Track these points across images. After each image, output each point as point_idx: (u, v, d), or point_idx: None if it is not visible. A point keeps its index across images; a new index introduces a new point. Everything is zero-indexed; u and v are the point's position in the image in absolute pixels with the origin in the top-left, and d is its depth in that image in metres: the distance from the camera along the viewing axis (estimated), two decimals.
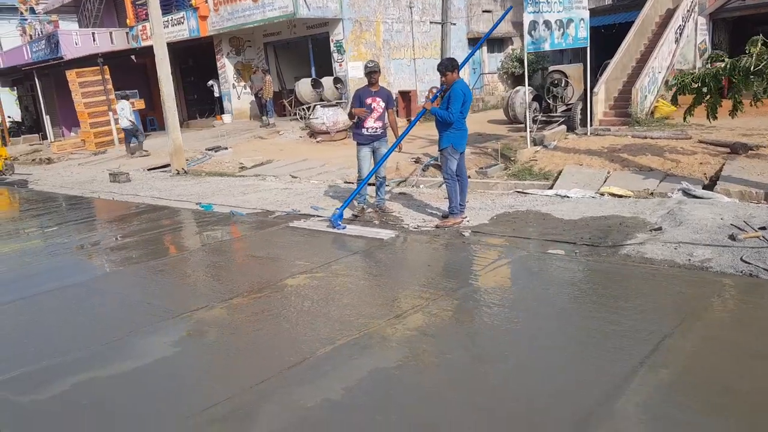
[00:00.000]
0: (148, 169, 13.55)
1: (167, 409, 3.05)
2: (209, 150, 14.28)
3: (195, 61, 21.80)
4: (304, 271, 5.11)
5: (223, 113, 19.39)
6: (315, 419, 2.83)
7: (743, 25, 17.50)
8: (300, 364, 3.37)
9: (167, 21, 18.54)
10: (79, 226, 8.20)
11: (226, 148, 14.30)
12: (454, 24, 13.77)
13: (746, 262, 4.47)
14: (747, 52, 8.07)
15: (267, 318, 4.16)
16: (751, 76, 8.00)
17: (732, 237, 5.03)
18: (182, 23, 18.95)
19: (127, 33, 21.73)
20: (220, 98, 19.89)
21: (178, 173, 12.26)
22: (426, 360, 3.33)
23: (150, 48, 17.26)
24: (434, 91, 6.81)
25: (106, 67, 17.91)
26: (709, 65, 15.36)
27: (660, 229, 5.55)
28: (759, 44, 7.97)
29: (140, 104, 19.10)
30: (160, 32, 12.14)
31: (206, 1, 18.09)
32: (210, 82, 19.82)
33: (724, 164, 8.66)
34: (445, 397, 2.91)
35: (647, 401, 2.66)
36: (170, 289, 5.21)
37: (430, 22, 17.59)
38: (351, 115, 7.10)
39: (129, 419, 2.99)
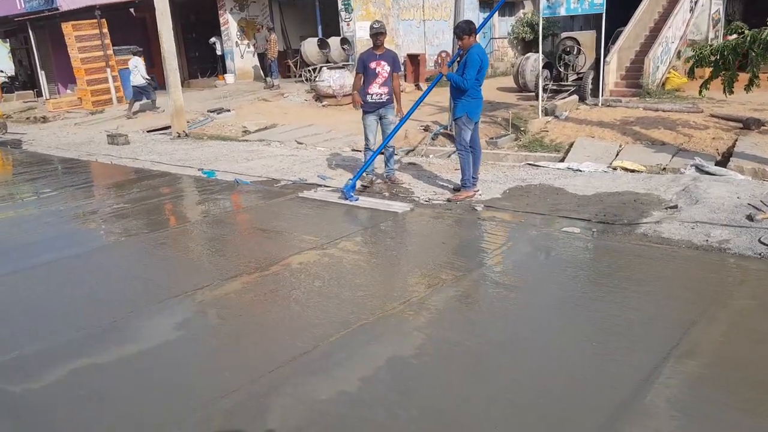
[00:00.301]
0: (148, 131, 13.27)
1: (171, 401, 2.89)
2: (211, 112, 14.01)
3: (197, 16, 21.20)
4: (314, 247, 4.98)
5: (226, 73, 18.99)
6: (331, 415, 2.68)
7: None
8: (312, 351, 3.23)
9: None
10: (76, 192, 7.96)
11: (229, 110, 14.03)
12: None
13: (765, 244, 4.39)
14: (767, 24, 7.83)
15: (276, 299, 4.01)
16: None
17: (750, 217, 4.94)
18: None
19: None
20: (222, 57, 19.44)
21: (179, 136, 12.03)
22: (445, 348, 3.22)
23: (150, 1, 16.82)
24: (443, 55, 6.60)
25: (104, 20, 17.39)
26: (722, 37, 15.04)
27: (676, 207, 5.45)
28: None
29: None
30: None
31: None
32: (212, 40, 19.33)
33: (736, 140, 8.51)
34: (467, 389, 2.82)
35: (678, 396, 2.60)
36: (172, 264, 5.01)
37: None
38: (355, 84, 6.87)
39: (130, 412, 2.81)
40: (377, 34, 6.54)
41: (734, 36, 8.43)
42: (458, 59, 6.41)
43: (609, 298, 3.68)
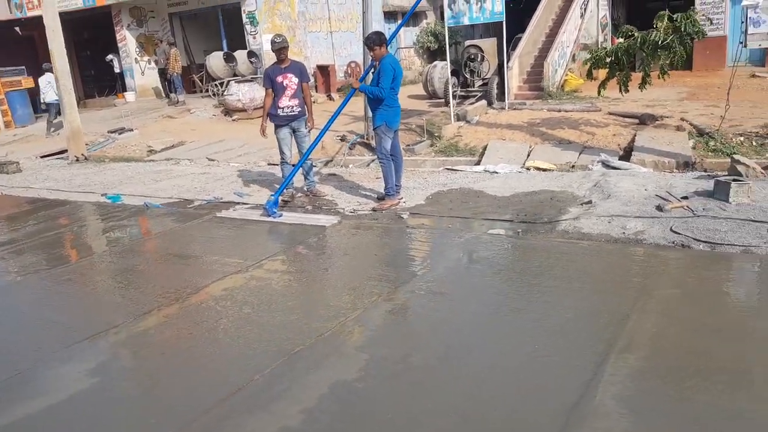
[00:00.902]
0: (41, 157, 12.27)
1: None
2: (112, 132, 13.21)
3: (91, 33, 20.02)
4: (239, 270, 4.70)
5: (126, 91, 18.02)
6: None
7: (638, 1, 18.43)
8: (247, 386, 2.98)
9: None
10: None
11: (132, 130, 13.29)
12: None
13: (676, 232, 4.63)
14: (654, 26, 8.41)
15: (201, 331, 3.69)
16: (659, 50, 8.37)
17: (659, 208, 5.22)
18: None
19: (9, 1, 19.58)
20: (121, 74, 18.44)
21: (78, 160, 11.19)
22: (389, 366, 3.10)
23: (38, 18, 15.58)
24: (353, 66, 6.59)
25: None
26: (610, 41, 16.06)
27: (590, 202, 5.67)
28: (665, 19, 8.33)
29: (28, 82, 17.34)
30: (52, 0, 10.94)
31: None
32: (109, 57, 18.29)
33: (635, 135, 9.07)
34: (416, 408, 2.72)
35: (624, 392, 2.63)
36: (81, 302, 4.55)
37: None
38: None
39: None
40: (279, 49, 6.47)
41: (621, 39, 9.01)
42: (372, 70, 6.40)
43: (544, 298, 3.72)
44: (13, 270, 5.37)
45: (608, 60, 8.94)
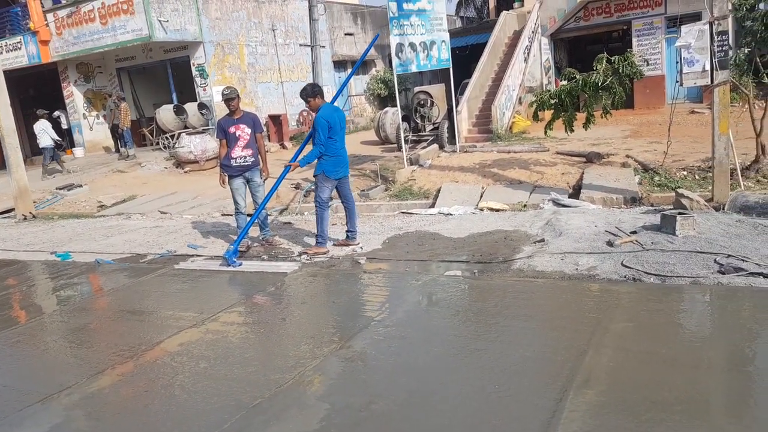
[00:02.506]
0: None
1: None
2: (60, 189, 12.87)
3: (37, 90, 19.70)
4: (195, 324, 4.59)
5: (74, 147, 17.67)
6: None
7: (578, 45, 19.42)
8: None
9: (1, 46, 16.64)
10: None
11: (81, 186, 12.98)
12: (324, 47, 13.75)
13: (627, 266, 4.77)
14: (594, 69, 8.85)
15: (157, 388, 3.58)
16: (600, 91, 8.79)
17: (609, 243, 5.37)
18: (20, 49, 17.06)
19: None
20: (69, 130, 18.11)
21: (25, 218, 10.86)
22: (351, 415, 3.04)
23: None
24: (305, 114, 6.74)
25: None
26: (554, 83, 16.81)
27: (543, 240, 5.80)
28: (604, 61, 8.79)
29: None
30: None
31: (47, 25, 16.45)
32: (56, 113, 17.98)
33: (583, 173, 9.39)
34: None
35: (584, 429, 2.64)
36: (31, 364, 4.36)
37: (300, 45, 17.46)
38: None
39: None
40: (228, 99, 6.51)
41: (564, 82, 9.45)
42: (341, 95, 6.49)
43: (502, 338, 3.75)
44: None
45: (553, 102, 9.32)
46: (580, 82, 8.85)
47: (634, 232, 5.59)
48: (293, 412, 3.11)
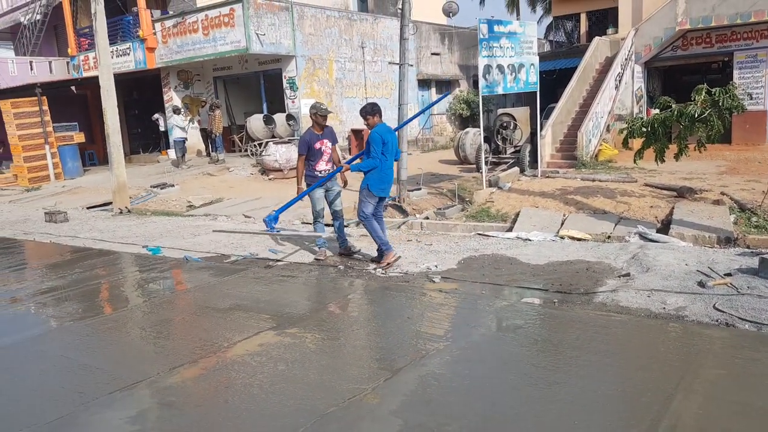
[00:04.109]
0: (87, 208, 12.79)
1: None
2: (154, 187, 13.68)
3: (140, 93, 21.13)
4: (275, 326, 4.76)
5: (169, 148, 18.75)
6: None
7: (674, 74, 18.64)
8: None
9: (112, 51, 17.93)
10: (13, 273, 7.44)
11: (173, 186, 13.74)
12: (411, 65, 13.94)
13: (719, 310, 4.51)
14: (692, 100, 8.47)
15: (237, 385, 3.72)
16: (697, 123, 8.39)
17: (701, 284, 5.09)
18: (128, 54, 18.37)
19: (67, 63, 20.89)
20: (165, 133, 19.25)
21: (121, 212, 11.60)
22: None
23: (92, 79, 16.64)
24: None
25: (44, 97, 17.02)
26: (645, 112, 16.20)
27: (629, 275, 5.58)
28: (703, 93, 8.39)
29: (80, 137, 18.23)
30: (107, 62, 11.62)
31: (155, 33, 17.64)
32: (155, 116, 19.19)
33: (673, 207, 8.96)
34: None
35: None
36: (122, 350, 4.63)
37: (389, 63, 17.79)
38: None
39: None
40: (324, 116, 6.76)
41: (657, 110, 9.08)
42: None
43: (582, 372, 3.63)
44: (59, 316, 5.53)
45: (644, 130, 8.98)
46: (676, 112, 8.48)
47: (729, 275, 5.27)
48: (366, 424, 3.15)
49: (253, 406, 3.46)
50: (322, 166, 6.76)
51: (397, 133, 7.21)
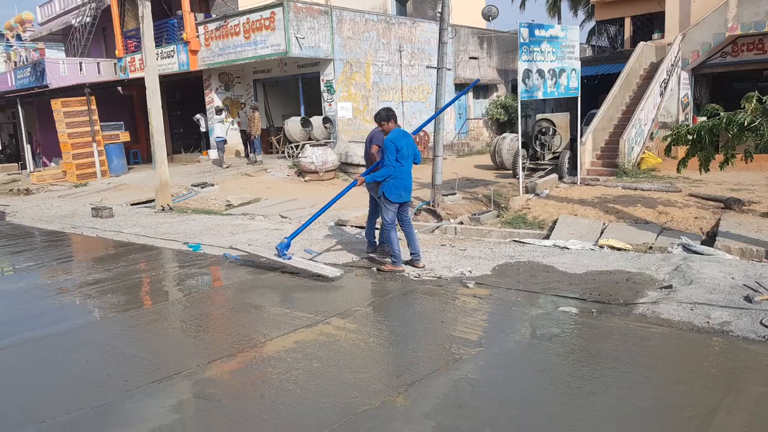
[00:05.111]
0: (131, 204, 13.18)
1: None
2: (195, 186, 13.98)
3: (182, 94, 21.64)
4: (310, 324, 4.82)
5: (209, 148, 19.15)
6: None
7: (722, 81, 18.09)
8: None
9: (157, 53, 18.40)
10: (61, 265, 7.73)
11: (213, 185, 14.02)
12: (449, 69, 13.90)
13: (767, 326, 4.35)
14: (742, 107, 8.20)
15: (273, 380, 3.80)
16: (746, 132, 8.11)
17: (748, 299, 4.93)
18: (172, 56, 18.85)
19: (115, 64, 21.56)
20: (206, 133, 19.66)
21: (163, 209, 11.91)
22: None
23: (137, 80, 17.14)
24: (421, 134, 7.01)
25: (92, 97, 17.61)
26: (691, 120, 15.77)
27: (671, 287, 5.44)
28: (754, 100, 8.11)
29: (125, 136, 18.77)
30: (153, 64, 11.95)
31: (198, 36, 18.06)
32: (197, 117, 19.62)
33: (719, 219, 8.67)
34: None
35: None
36: (164, 342, 4.79)
37: (426, 66, 17.81)
38: (369, 156, 7.04)
39: None
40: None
41: (704, 118, 8.82)
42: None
43: (620, 384, 3.55)
44: (104, 306, 5.73)
45: (690, 138, 8.74)
46: (724, 120, 8.23)
47: None
48: (399, 425, 3.15)
49: (289, 401, 3.52)
50: None
51: (426, 136, 7.23)
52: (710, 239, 7.99)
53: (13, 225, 11.53)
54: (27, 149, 20.03)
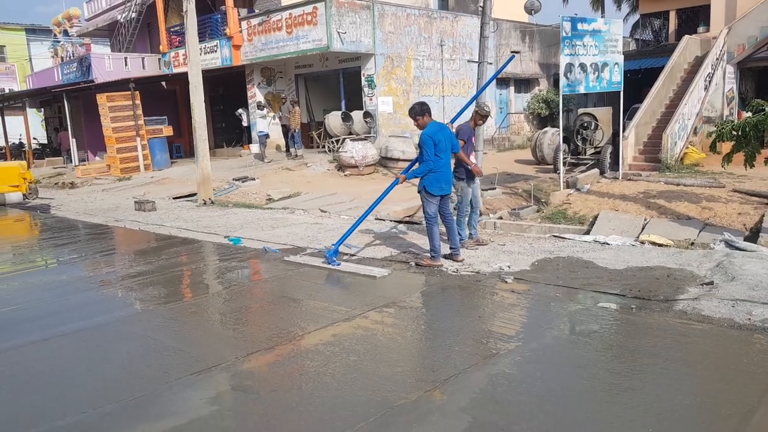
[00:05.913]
0: (173, 198, 13.53)
1: None
2: (236, 180, 14.29)
3: (225, 89, 22.06)
4: (347, 318, 4.91)
5: (251, 143, 19.51)
6: None
7: None
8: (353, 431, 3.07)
9: (200, 48, 18.85)
10: (104, 258, 8.01)
11: (254, 179, 14.29)
12: (491, 64, 13.82)
13: None
14: None
15: (310, 373, 3.87)
16: None
17: None
18: (215, 51, 19.24)
19: (159, 59, 22.12)
20: (248, 128, 20.02)
21: (205, 203, 12.22)
22: None
23: (181, 75, 17.56)
24: (456, 126, 7.12)
25: (137, 92, 18.14)
26: (736, 115, 15.26)
27: (712, 283, 5.35)
28: None
29: (168, 131, 19.28)
30: (197, 59, 12.25)
31: (241, 31, 18.38)
32: (239, 111, 19.98)
33: (763, 215, 8.45)
34: None
35: None
36: (204, 334, 4.90)
37: (468, 61, 17.72)
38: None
39: None
40: (484, 116, 7.39)
41: (749, 113, 8.56)
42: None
43: (659, 380, 3.54)
44: (146, 299, 5.91)
45: (735, 134, 8.52)
46: None
47: None
48: (435, 419, 3.21)
49: (326, 393, 3.59)
50: (472, 159, 7.21)
51: (463, 127, 7.26)
52: (753, 235, 7.80)
53: (57, 218, 11.97)
54: (73, 143, 20.74)
